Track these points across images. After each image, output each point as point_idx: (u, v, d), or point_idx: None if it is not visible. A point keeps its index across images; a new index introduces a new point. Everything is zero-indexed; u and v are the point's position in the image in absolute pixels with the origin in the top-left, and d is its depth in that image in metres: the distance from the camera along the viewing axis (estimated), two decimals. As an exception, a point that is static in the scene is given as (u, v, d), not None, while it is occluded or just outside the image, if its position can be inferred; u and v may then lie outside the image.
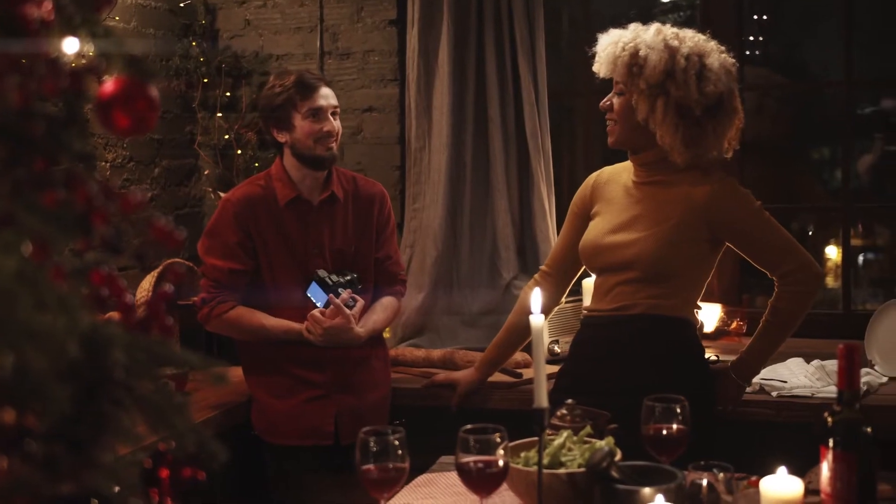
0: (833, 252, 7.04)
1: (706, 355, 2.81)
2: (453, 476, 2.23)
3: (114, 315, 1.11)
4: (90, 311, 0.97)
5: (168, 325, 1.20)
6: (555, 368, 2.87)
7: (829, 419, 1.75)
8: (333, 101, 3.13)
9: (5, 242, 0.87)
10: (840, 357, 1.74)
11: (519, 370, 3.30)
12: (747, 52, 4.45)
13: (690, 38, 2.68)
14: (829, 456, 1.74)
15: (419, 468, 2.20)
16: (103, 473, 0.92)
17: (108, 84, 1.05)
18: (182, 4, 4.07)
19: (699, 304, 2.76)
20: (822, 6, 4.80)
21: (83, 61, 1.07)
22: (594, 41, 2.78)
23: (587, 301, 3.31)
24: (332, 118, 3.10)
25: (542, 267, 2.99)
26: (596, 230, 2.76)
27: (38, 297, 0.88)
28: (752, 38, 4.78)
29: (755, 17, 4.80)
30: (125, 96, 1.05)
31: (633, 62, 2.62)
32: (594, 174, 2.89)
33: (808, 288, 2.67)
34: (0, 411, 0.89)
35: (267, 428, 3.13)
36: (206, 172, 4.13)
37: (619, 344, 2.66)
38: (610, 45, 2.68)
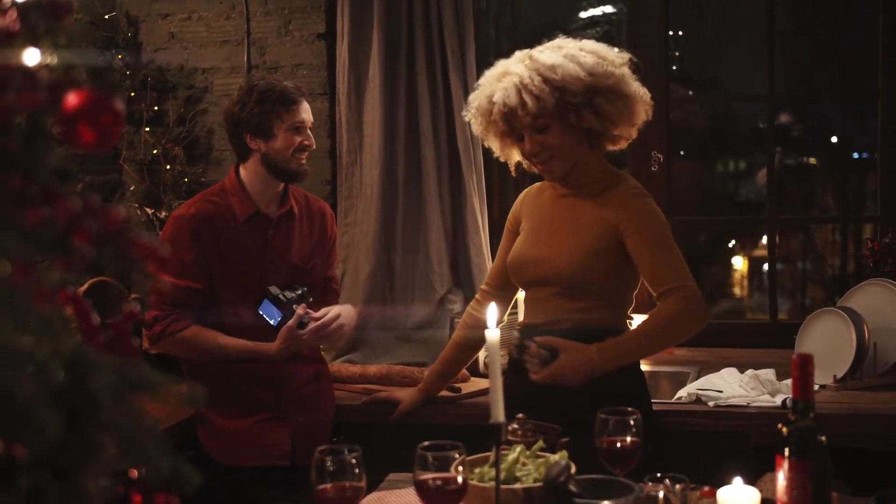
0: (739, 263, 7.17)
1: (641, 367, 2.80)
2: (404, 493, 2.21)
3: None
4: (73, 334, 0.93)
5: (135, 347, 1.16)
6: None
7: (784, 429, 1.77)
8: (310, 116, 3.09)
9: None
10: (794, 367, 1.77)
11: (457, 385, 3.29)
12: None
13: (567, 42, 2.68)
14: (785, 465, 1.75)
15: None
16: (89, 503, 0.88)
17: (72, 97, 1.01)
18: (106, 17, 3.97)
19: (631, 314, 2.76)
20: (737, 25, 4.91)
21: (47, 73, 1.03)
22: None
23: (522, 315, 3.32)
24: (309, 133, 3.07)
25: (483, 286, 3.00)
26: (520, 245, 2.77)
27: (20, 320, 0.84)
28: (668, 54, 4.87)
29: (670, 32, 4.90)
30: (90, 110, 1.01)
31: (552, 87, 2.57)
32: (525, 191, 2.90)
33: (680, 308, 2.54)
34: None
35: (220, 448, 3.01)
36: (131, 188, 4.03)
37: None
38: (520, 86, 2.58)
